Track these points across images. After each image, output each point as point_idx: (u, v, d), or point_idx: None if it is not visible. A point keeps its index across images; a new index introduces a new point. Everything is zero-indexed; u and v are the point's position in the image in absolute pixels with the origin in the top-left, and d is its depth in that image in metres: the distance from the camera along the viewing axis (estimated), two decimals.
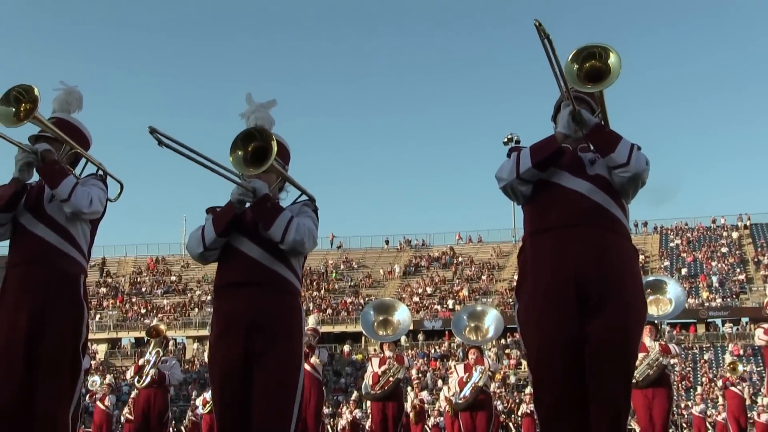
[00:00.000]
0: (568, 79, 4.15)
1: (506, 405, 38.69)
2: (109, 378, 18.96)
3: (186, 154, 4.41)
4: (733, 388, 21.86)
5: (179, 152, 4.39)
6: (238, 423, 4.46)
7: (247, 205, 4.62)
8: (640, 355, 14.69)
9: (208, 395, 21.17)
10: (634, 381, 14.66)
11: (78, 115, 5.26)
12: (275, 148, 4.45)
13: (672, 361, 44.73)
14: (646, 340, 14.82)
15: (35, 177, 4.97)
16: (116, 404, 21.89)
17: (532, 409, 24.12)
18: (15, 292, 4.88)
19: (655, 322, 15.87)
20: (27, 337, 4.74)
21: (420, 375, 45.15)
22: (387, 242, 66.02)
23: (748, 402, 23.66)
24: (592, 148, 4.34)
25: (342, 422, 35.03)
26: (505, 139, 58.14)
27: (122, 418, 20.75)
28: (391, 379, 15.79)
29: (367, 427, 27.33)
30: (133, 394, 18.19)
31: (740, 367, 21.40)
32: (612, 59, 4.09)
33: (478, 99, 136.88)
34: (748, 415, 24.18)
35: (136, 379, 16.39)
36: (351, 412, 34.10)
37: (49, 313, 4.82)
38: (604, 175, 4.26)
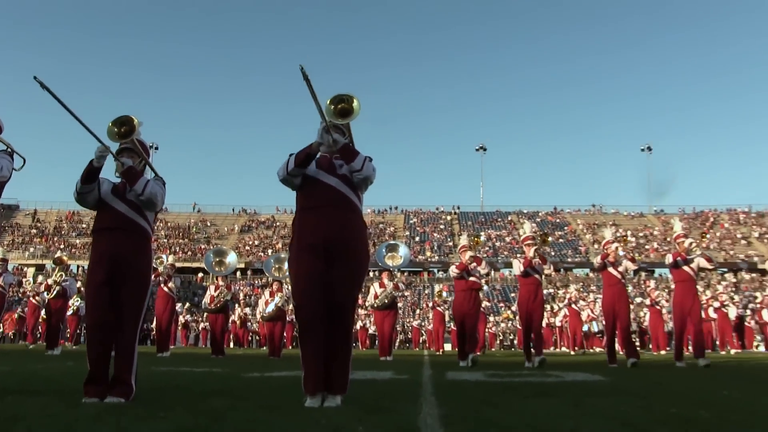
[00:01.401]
0: (327, 114, 4.15)
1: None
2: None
3: (65, 107, 4.09)
4: (438, 308, 22.77)
5: (59, 103, 4.02)
6: (105, 320, 4.40)
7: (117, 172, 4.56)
8: (380, 290, 15.12)
9: None
10: (376, 304, 15.21)
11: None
12: (134, 133, 4.49)
13: (405, 293, 45.64)
14: (385, 280, 15.24)
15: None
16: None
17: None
18: None
19: (392, 269, 16.33)
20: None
21: (246, 297, 44.86)
22: (233, 210, 64.82)
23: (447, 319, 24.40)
24: (340, 158, 4.40)
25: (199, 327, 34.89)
26: None
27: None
28: (222, 299, 15.75)
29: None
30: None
31: (444, 294, 22.21)
32: (355, 103, 4.13)
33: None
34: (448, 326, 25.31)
35: (46, 293, 16.65)
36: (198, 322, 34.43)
37: None
38: (348, 176, 4.34)
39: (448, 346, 25.06)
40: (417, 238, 57.12)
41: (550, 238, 10.21)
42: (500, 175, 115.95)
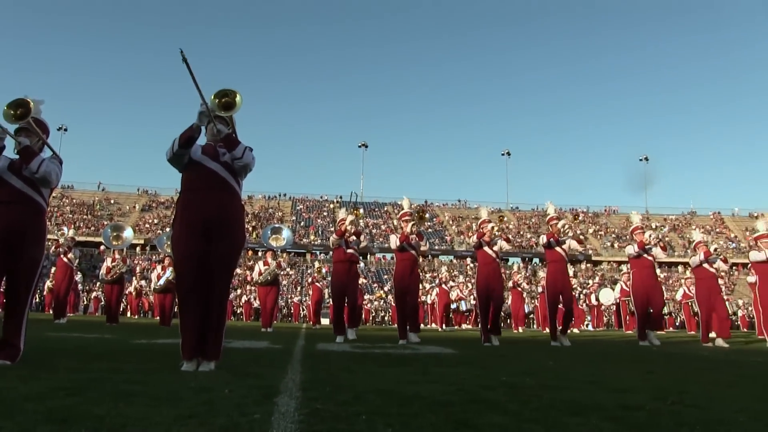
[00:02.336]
0: (211, 107, 4.18)
1: None
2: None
3: None
4: (317, 284, 20.79)
5: None
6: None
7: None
8: (264, 268, 14.99)
9: None
10: (260, 280, 15.06)
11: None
12: (31, 114, 4.36)
13: (289, 271, 45.18)
14: (269, 259, 15.13)
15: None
16: None
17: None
18: None
19: (275, 250, 16.22)
20: None
21: (144, 270, 43.25)
22: (138, 189, 62.25)
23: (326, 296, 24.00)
24: (223, 146, 4.37)
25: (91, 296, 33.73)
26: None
27: None
28: (117, 271, 15.21)
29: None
30: None
31: (323, 271, 21.68)
32: (237, 98, 4.17)
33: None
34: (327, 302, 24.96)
35: None
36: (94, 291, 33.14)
37: None
38: (229, 162, 4.30)
39: (326, 321, 24.95)
40: (302, 223, 56.88)
41: (427, 215, 9.45)
42: (380, 169, 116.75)
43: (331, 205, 61.28)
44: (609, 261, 53.08)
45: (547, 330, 18.49)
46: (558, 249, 9.88)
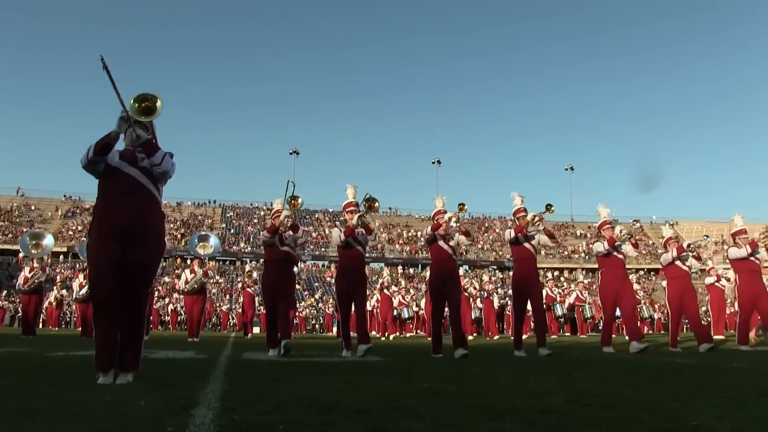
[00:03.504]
0: (131, 112, 4.03)
1: None
2: None
3: None
4: (248, 289, 19.66)
5: None
6: None
7: None
8: (191, 276, 14.70)
9: None
10: (186, 289, 14.74)
11: None
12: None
13: (218, 279, 44.55)
14: (196, 267, 14.85)
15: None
16: None
17: None
18: None
19: (202, 257, 15.92)
20: None
21: (67, 279, 41.66)
22: (64, 195, 59.93)
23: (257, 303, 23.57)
24: (142, 151, 4.22)
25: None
26: None
27: None
28: (36, 280, 14.62)
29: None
30: None
31: (254, 274, 20.90)
32: (158, 103, 4.06)
33: None
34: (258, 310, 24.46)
35: None
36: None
37: None
38: (148, 168, 4.18)
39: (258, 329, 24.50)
40: (233, 231, 56.05)
41: (377, 203, 7.99)
42: (311, 176, 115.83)
43: (262, 212, 60.62)
44: (541, 268, 54.26)
45: (496, 337, 17.83)
46: (527, 245, 8.34)
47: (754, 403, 3.19)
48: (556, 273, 53.50)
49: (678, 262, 9.97)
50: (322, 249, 53.62)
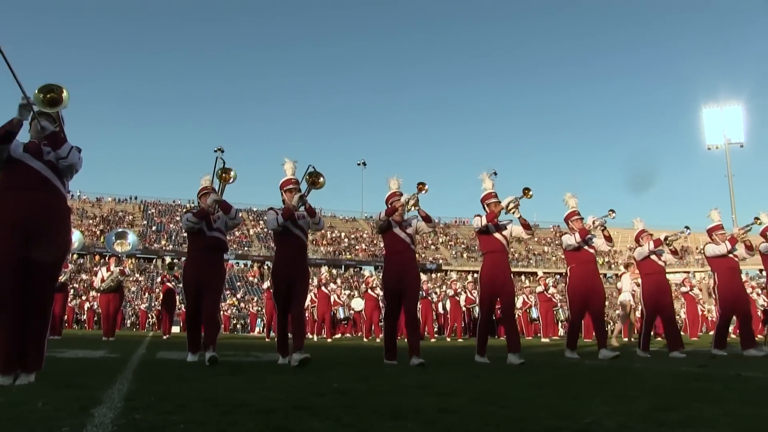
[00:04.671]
0: (36, 102, 3.84)
1: None
2: None
3: None
4: (168, 283, 18.67)
5: None
6: None
7: None
8: (107, 274, 14.26)
9: None
10: (102, 288, 14.27)
11: None
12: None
13: (138, 277, 43.13)
14: (112, 265, 14.42)
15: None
16: None
17: None
18: None
19: (120, 255, 15.41)
20: None
21: None
22: None
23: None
24: (48, 144, 4.04)
25: None
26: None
27: None
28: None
29: None
30: None
31: (175, 268, 20.12)
32: (64, 94, 3.89)
33: None
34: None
35: None
36: None
37: None
38: (54, 161, 4.00)
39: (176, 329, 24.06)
40: (154, 228, 54.55)
41: (321, 179, 6.24)
42: (239, 176, 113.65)
43: (184, 210, 59.16)
44: (458, 270, 54.67)
45: (460, 339, 17.30)
46: (497, 235, 7.15)
47: (642, 399, 3.37)
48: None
49: (654, 257, 8.95)
50: (245, 248, 52.88)
